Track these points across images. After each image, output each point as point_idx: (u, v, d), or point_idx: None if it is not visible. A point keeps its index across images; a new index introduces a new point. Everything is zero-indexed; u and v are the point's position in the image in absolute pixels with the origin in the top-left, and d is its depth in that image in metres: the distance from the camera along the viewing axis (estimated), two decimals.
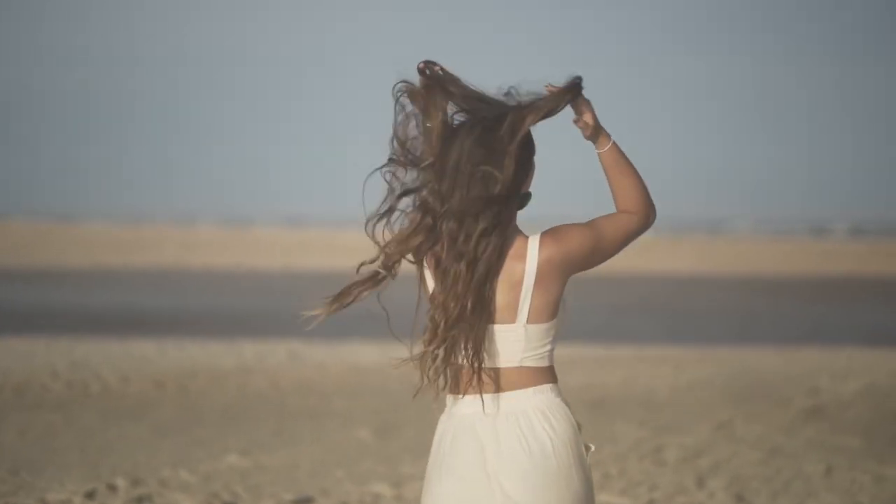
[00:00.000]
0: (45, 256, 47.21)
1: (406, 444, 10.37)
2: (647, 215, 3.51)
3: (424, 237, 3.46)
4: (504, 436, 3.43)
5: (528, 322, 3.44)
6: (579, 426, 3.49)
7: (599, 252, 3.47)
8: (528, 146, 3.46)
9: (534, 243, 3.44)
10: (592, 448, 3.51)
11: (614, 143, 3.50)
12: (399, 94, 3.47)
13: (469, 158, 3.40)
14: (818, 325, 24.14)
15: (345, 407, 12.32)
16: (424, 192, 3.45)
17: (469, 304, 3.39)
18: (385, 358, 16.84)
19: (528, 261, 3.43)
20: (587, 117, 3.47)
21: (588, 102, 3.47)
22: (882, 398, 12.62)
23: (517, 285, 3.43)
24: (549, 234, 3.45)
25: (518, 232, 3.46)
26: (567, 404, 3.49)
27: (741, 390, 13.25)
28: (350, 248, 60.99)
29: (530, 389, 3.45)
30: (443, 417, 3.57)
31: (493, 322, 3.43)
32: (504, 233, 3.41)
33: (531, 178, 3.48)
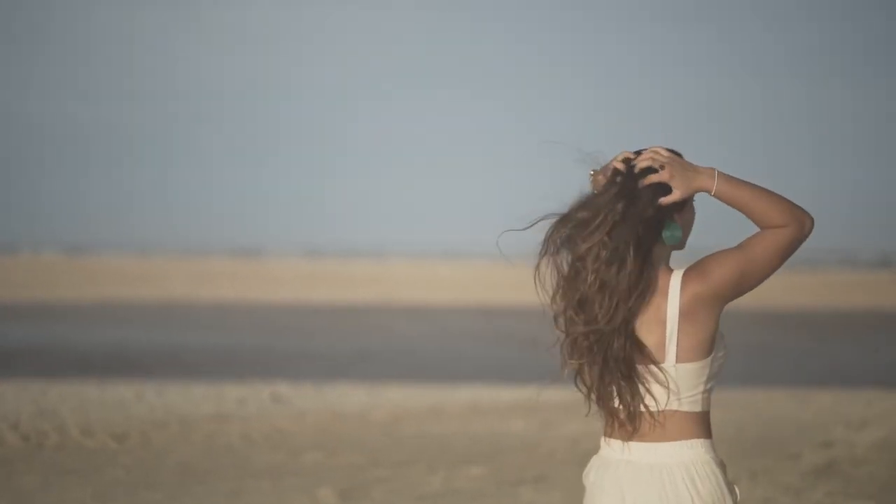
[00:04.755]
0: (46, 291, 46.38)
1: None
2: (802, 223, 3.36)
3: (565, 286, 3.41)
4: (645, 489, 3.33)
5: (677, 362, 3.32)
6: (731, 488, 3.35)
7: (750, 276, 3.34)
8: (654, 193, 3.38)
9: (676, 279, 3.34)
10: None
11: (720, 175, 3.37)
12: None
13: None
14: (837, 364, 23.07)
15: (314, 462, 11.33)
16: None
17: (615, 346, 3.31)
18: (373, 401, 15.88)
19: (669, 298, 3.33)
20: (673, 197, 3.38)
21: (669, 177, 3.38)
22: None
23: (662, 324, 3.33)
24: (692, 269, 3.35)
25: (666, 268, 3.37)
26: (721, 464, 3.37)
27: (748, 442, 12.22)
28: (364, 280, 60.10)
29: (679, 443, 3.33)
30: (594, 458, 3.48)
31: (642, 363, 3.33)
32: (642, 271, 3.32)
33: (680, 220, 3.41)
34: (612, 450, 3.41)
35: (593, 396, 3.38)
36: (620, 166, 3.43)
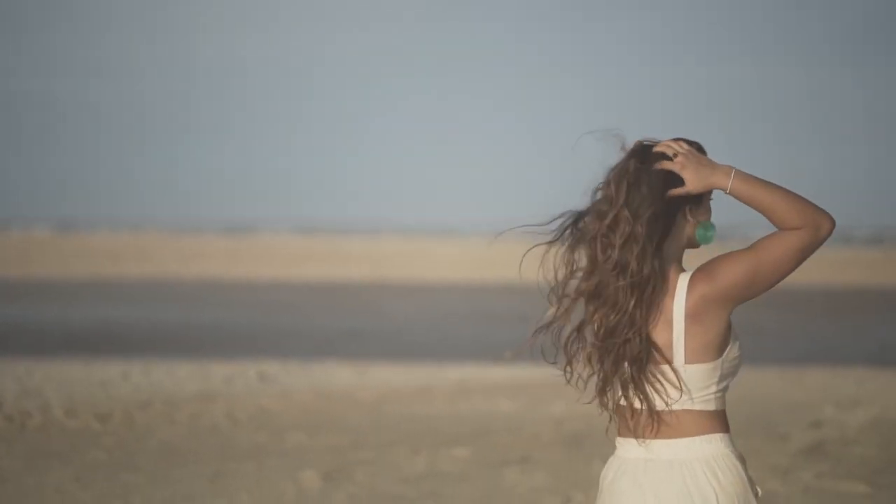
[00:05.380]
0: (35, 269, 46.20)
1: (354, 491, 9.27)
2: (818, 226, 3.28)
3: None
4: (666, 486, 3.29)
5: (686, 363, 3.29)
6: (752, 483, 3.29)
7: (762, 278, 3.28)
8: (662, 191, 3.33)
9: (684, 281, 3.30)
10: None
11: (736, 173, 3.31)
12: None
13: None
14: (828, 342, 22.98)
15: (298, 444, 11.21)
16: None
17: (623, 333, 3.29)
18: (360, 380, 15.76)
19: (675, 300, 3.30)
20: (683, 189, 3.32)
21: (684, 171, 3.33)
22: (890, 434, 11.44)
23: (669, 325, 3.30)
24: (701, 270, 3.31)
25: (677, 267, 3.34)
26: (740, 458, 3.32)
27: (737, 422, 12.06)
28: (357, 258, 59.94)
29: (697, 438, 3.29)
30: (610, 458, 3.42)
31: (654, 363, 3.30)
32: (655, 271, 3.28)
33: (695, 216, 3.36)
34: (628, 449, 3.36)
35: (597, 391, 3.35)
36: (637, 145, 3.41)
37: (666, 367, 3.30)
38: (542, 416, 12.68)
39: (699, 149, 3.40)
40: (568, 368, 3.35)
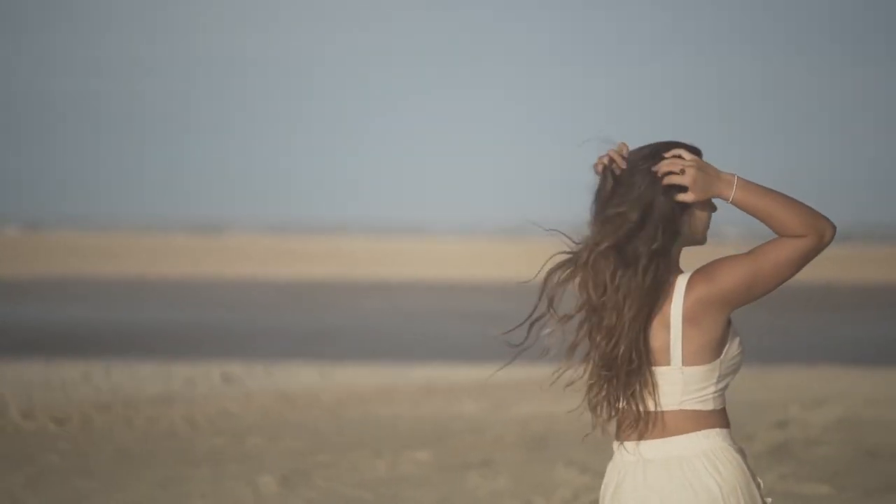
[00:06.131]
0: (0, 268, 45.87)
1: (312, 495, 9.12)
2: (821, 233, 3.28)
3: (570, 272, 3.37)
4: (667, 484, 3.28)
5: (683, 364, 3.29)
6: (753, 475, 3.29)
7: (761, 284, 3.28)
8: (661, 191, 3.29)
9: (682, 283, 3.29)
10: (770, 501, 3.32)
11: (739, 182, 3.29)
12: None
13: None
14: (796, 340, 22.95)
15: (256, 447, 11.04)
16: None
17: (623, 346, 3.27)
18: (324, 381, 15.60)
19: (674, 302, 3.28)
20: (687, 198, 3.28)
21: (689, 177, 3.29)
22: (854, 434, 11.36)
23: (666, 327, 3.29)
24: (699, 273, 3.29)
25: (676, 270, 3.33)
26: (740, 451, 3.32)
27: None
28: (327, 256, 59.79)
29: (694, 434, 3.29)
30: (609, 465, 3.41)
31: (651, 365, 3.29)
32: (651, 271, 3.26)
33: (695, 219, 3.33)
34: (626, 452, 3.35)
35: (590, 406, 3.35)
36: (618, 159, 3.33)
37: (663, 370, 3.29)
38: (506, 417, 12.55)
39: (697, 154, 3.36)
40: (558, 372, 3.33)
